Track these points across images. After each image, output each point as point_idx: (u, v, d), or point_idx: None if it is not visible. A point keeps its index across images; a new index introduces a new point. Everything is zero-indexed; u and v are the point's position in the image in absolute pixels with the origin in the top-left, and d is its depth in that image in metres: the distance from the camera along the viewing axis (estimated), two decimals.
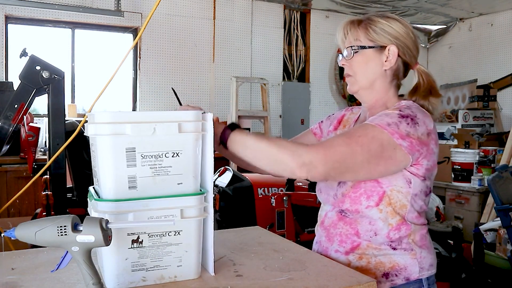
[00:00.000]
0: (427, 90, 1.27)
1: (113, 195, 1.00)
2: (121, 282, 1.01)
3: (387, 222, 1.20)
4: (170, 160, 1.03)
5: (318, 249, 1.34)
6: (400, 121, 1.14)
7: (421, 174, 1.18)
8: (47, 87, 2.27)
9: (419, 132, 1.15)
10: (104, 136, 0.99)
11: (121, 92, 5.34)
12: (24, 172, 3.95)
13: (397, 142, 1.12)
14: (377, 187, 1.19)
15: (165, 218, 1.01)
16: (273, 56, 6.09)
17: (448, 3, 5.85)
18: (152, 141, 1.01)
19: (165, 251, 1.04)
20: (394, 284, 1.20)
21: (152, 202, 1.01)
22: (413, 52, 1.27)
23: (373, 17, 1.26)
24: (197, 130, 1.05)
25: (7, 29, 4.69)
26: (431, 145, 1.18)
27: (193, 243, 1.06)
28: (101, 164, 1.01)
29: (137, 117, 1.01)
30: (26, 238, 0.87)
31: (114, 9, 5.04)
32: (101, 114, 0.99)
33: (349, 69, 1.29)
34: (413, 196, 1.20)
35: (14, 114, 2.18)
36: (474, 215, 4.31)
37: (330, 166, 1.09)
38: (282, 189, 3.05)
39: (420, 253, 1.22)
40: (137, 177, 1.01)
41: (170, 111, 1.05)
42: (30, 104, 2.24)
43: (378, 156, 1.12)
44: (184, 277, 1.07)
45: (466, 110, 5.58)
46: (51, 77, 2.25)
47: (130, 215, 0.99)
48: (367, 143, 1.11)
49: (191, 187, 1.06)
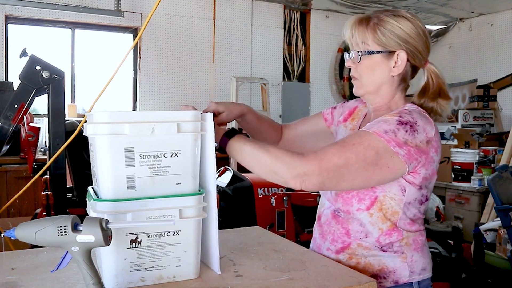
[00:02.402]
0: (436, 92, 1.23)
1: (111, 195, 1.00)
2: (120, 282, 1.01)
3: (377, 226, 1.18)
4: (169, 160, 1.03)
5: (313, 246, 1.34)
6: (398, 128, 1.11)
7: (417, 183, 1.15)
8: (47, 87, 2.27)
9: (418, 140, 1.11)
10: (103, 136, 0.99)
11: (121, 92, 5.34)
12: (24, 172, 3.95)
13: (394, 150, 1.09)
14: (370, 192, 1.17)
15: (163, 218, 1.01)
16: (273, 56, 6.09)
17: (448, 3, 5.85)
18: (151, 141, 1.01)
19: (164, 251, 1.04)
20: (382, 286, 1.18)
21: (150, 202, 1.01)
22: (423, 54, 1.22)
23: (382, 16, 1.20)
24: (196, 130, 1.05)
25: (7, 29, 4.69)
26: (431, 153, 1.14)
27: (192, 243, 1.06)
28: (100, 164, 1.01)
29: (136, 117, 1.01)
30: (26, 238, 0.87)
31: (114, 9, 5.04)
32: (99, 114, 0.99)
33: (355, 72, 1.25)
34: (406, 204, 1.17)
35: (14, 114, 2.18)
36: (474, 215, 4.30)
37: (324, 176, 1.08)
38: (282, 189, 3.05)
39: (411, 256, 1.20)
40: (135, 177, 1.01)
41: (169, 111, 1.05)
42: (30, 104, 2.24)
43: (374, 164, 1.09)
44: (183, 277, 1.07)
45: (466, 110, 5.57)
46: (51, 77, 2.25)
47: (129, 215, 0.98)
48: (363, 151, 1.09)
49: (190, 187, 1.06)
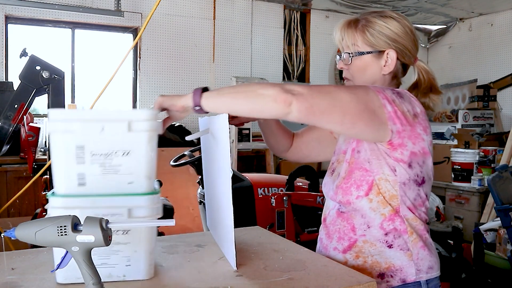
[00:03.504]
0: (427, 88, 1.27)
1: (63, 191, 1.02)
2: (69, 277, 1.03)
3: (378, 212, 1.19)
4: (120, 159, 1.03)
5: (320, 246, 1.35)
6: (386, 88, 1.15)
7: (405, 160, 1.15)
8: (47, 87, 2.27)
9: (404, 107, 1.13)
10: (56, 134, 1.01)
11: (121, 92, 5.34)
12: (24, 172, 3.95)
13: (382, 101, 1.10)
14: (366, 176, 1.18)
15: (111, 216, 1.00)
16: (273, 56, 6.09)
17: (448, 3, 5.85)
18: (102, 140, 1.02)
19: (113, 249, 1.04)
20: (390, 285, 1.19)
21: (99, 200, 1.02)
22: (411, 52, 1.25)
23: (370, 18, 1.24)
24: (151, 130, 1.04)
25: (7, 29, 4.69)
26: (418, 129, 1.15)
27: (142, 243, 1.06)
28: (53, 160, 1.03)
29: (87, 116, 1.03)
30: (26, 238, 0.87)
31: (114, 9, 5.04)
32: (53, 112, 1.02)
33: (347, 73, 1.29)
34: (400, 185, 1.17)
35: (14, 114, 2.18)
36: (474, 215, 4.31)
37: (315, 92, 1.05)
38: (282, 189, 3.05)
39: (417, 254, 1.20)
40: (86, 175, 1.02)
41: (122, 110, 1.05)
42: (30, 104, 2.24)
43: (364, 103, 1.08)
44: (133, 277, 1.06)
45: (466, 110, 5.57)
46: (51, 77, 2.25)
47: (77, 212, 0.98)
48: (354, 89, 1.12)
49: (143, 187, 1.05)
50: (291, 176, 3.10)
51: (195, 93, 1.08)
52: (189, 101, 1.09)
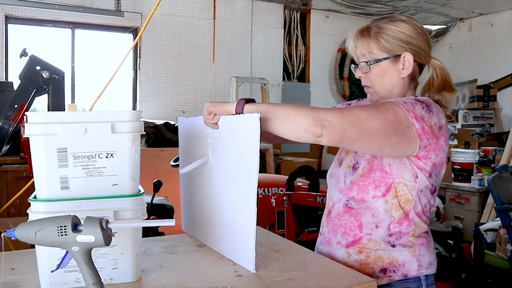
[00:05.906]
0: (442, 85, 1.28)
1: (45, 196, 1.00)
2: (54, 283, 1.01)
3: (390, 214, 1.21)
4: (104, 161, 1.02)
5: (322, 240, 1.35)
6: (415, 103, 1.15)
7: (428, 170, 1.18)
8: (47, 87, 2.27)
9: (432, 121, 1.15)
10: (36, 136, 0.98)
11: (121, 92, 5.34)
12: (24, 172, 3.94)
13: (411, 120, 1.12)
14: (386, 178, 1.20)
15: None
16: (273, 56, 6.09)
17: (448, 3, 5.85)
18: (84, 142, 1.00)
19: (99, 253, 1.03)
20: (391, 280, 1.21)
21: (84, 203, 1.00)
22: (426, 51, 1.26)
23: (381, 24, 1.25)
24: (134, 131, 1.03)
25: (7, 29, 4.69)
26: (441, 141, 1.18)
27: (129, 245, 1.04)
28: (34, 164, 1.01)
29: (68, 117, 1.00)
30: (26, 238, 0.87)
31: (114, 9, 5.04)
32: (33, 114, 1.00)
33: (367, 81, 1.29)
34: (418, 192, 1.20)
35: (14, 114, 2.18)
36: (474, 215, 4.31)
37: (346, 123, 1.07)
38: (282, 189, 3.05)
39: (419, 250, 1.23)
40: (69, 178, 1.00)
41: (105, 111, 1.04)
42: (30, 104, 2.24)
43: (393, 127, 1.11)
44: (120, 280, 1.05)
45: (466, 110, 5.57)
46: (51, 77, 2.25)
47: None
48: (384, 111, 1.12)
49: (128, 189, 1.04)
50: (291, 176, 3.10)
51: (239, 103, 1.12)
52: (232, 108, 1.13)
